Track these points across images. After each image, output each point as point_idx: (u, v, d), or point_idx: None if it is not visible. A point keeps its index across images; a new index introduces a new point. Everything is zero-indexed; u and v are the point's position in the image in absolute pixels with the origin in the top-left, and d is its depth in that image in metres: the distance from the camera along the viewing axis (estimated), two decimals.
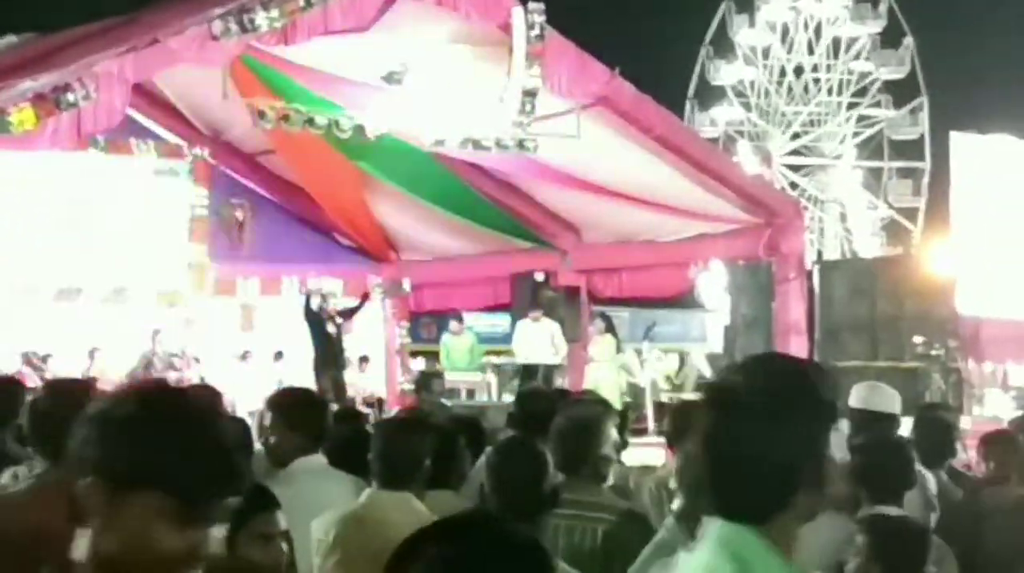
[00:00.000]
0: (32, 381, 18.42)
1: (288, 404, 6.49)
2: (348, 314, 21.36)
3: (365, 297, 22.10)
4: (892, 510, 5.38)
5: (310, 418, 6.23)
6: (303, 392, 7.53)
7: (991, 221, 22.84)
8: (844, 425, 6.91)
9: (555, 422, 5.80)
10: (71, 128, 14.26)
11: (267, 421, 6.36)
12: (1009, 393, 20.86)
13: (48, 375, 18.54)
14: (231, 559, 4.26)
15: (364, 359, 23.83)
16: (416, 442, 5.30)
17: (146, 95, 20.00)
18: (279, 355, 22.69)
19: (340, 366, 20.95)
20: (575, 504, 5.34)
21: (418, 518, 5.01)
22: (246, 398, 19.67)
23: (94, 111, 14.26)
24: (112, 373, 20.03)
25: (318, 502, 5.41)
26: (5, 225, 20.77)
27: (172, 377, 20.19)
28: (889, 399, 7.07)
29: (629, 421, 6.53)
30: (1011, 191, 23.27)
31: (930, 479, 6.49)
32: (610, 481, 5.89)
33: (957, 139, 23.37)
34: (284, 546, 4.42)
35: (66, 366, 19.44)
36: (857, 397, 7.03)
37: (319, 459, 6.10)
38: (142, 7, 17.50)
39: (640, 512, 5.59)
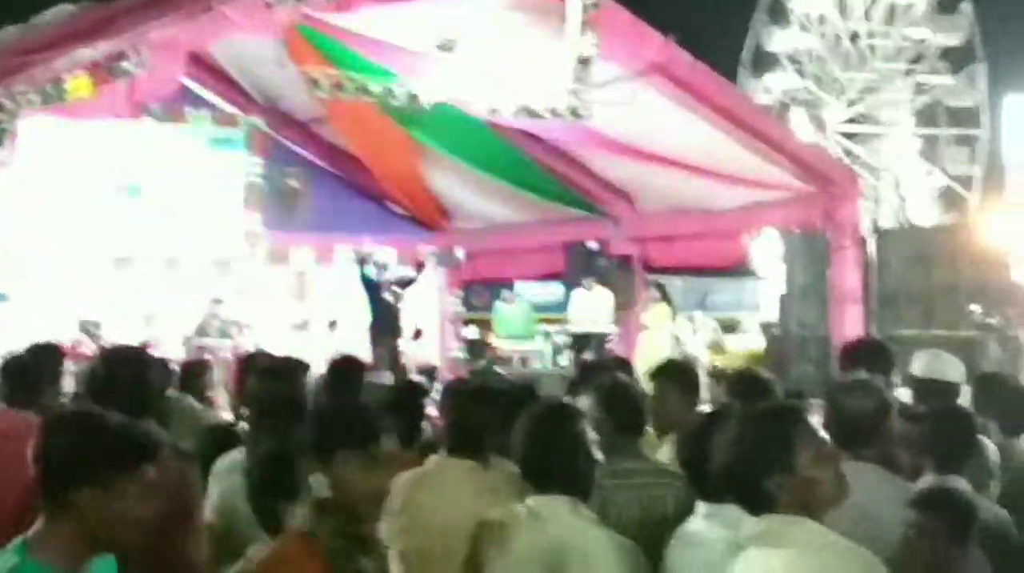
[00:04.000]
0: (88, 348, 18.64)
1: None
2: (405, 285, 21.37)
3: (420, 267, 22.10)
4: (954, 480, 5.33)
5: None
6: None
7: None
8: (904, 393, 6.87)
9: (605, 389, 5.77)
10: (126, 96, 14.28)
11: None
12: None
13: (104, 343, 18.69)
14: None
15: (417, 333, 23.71)
16: (485, 411, 5.29)
17: (201, 64, 20.07)
18: (333, 324, 22.76)
19: (396, 335, 20.99)
20: (635, 472, 5.34)
21: (483, 485, 5.01)
22: None
23: (149, 79, 14.27)
24: (167, 341, 20.21)
25: None
26: (61, 194, 20.88)
27: (227, 345, 20.36)
28: (952, 367, 6.99)
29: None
30: None
31: (991, 448, 6.42)
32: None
33: (1012, 102, 23.12)
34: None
35: (122, 334, 19.58)
36: (919, 365, 6.97)
37: None
38: None
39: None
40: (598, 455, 4.71)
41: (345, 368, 8.03)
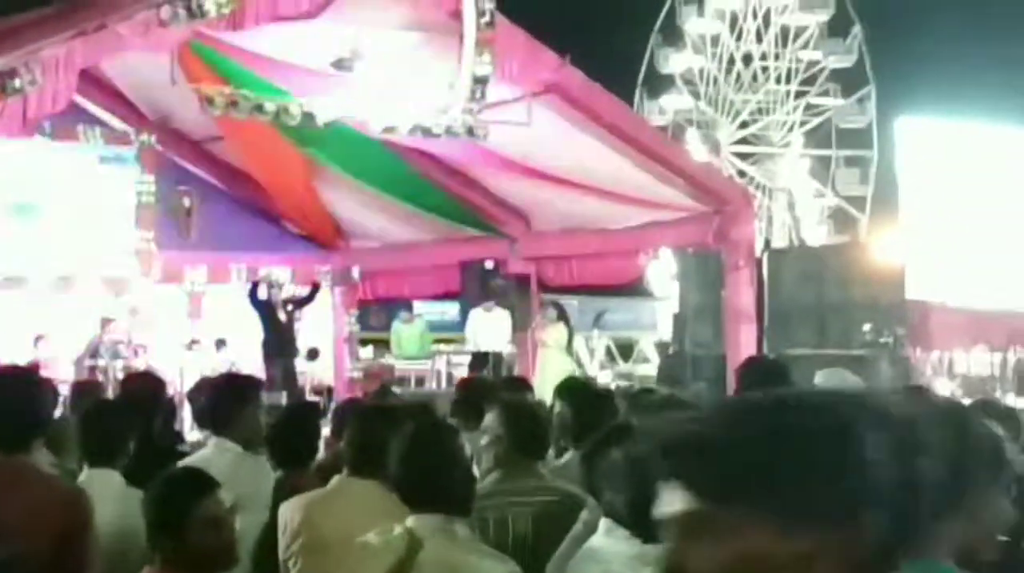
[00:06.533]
0: None
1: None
2: (299, 304, 21.33)
3: (315, 287, 22.02)
4: None
5: None
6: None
7: (937, 208, 22.95)
8: None
9: (508, 407, 5.76)
10: (17, 114, 14.10)
11: None
12: (955, 381, 20.98)
13: None
14: (184, 548, 4.22)
15: (313, 353, 23.63)
16: (387, 431, 5.26)
17: (93, 81, 19.81)
18: (221, 343, 22.51)
19: (290, 355, 20.89)
20: (532, 490, 5.35)
21: (385, 505, 4.99)
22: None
23: (40, 97, 14.10)
24: (57, 361, 19.91)
25: None
26: None
27: (118, 365, 20.10)
28: (851, 385, 7.09)
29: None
30: (956, 176, 23.38)
31: None
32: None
33: (902, 124, 23.49)
34: (233, 524, 4.40)
35: (11, 354, 19.28)
36: (820, 383, 7.05)
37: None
38: None
39: (580, 494, 5.25)
40: (476, 472, 4.71)
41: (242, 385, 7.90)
